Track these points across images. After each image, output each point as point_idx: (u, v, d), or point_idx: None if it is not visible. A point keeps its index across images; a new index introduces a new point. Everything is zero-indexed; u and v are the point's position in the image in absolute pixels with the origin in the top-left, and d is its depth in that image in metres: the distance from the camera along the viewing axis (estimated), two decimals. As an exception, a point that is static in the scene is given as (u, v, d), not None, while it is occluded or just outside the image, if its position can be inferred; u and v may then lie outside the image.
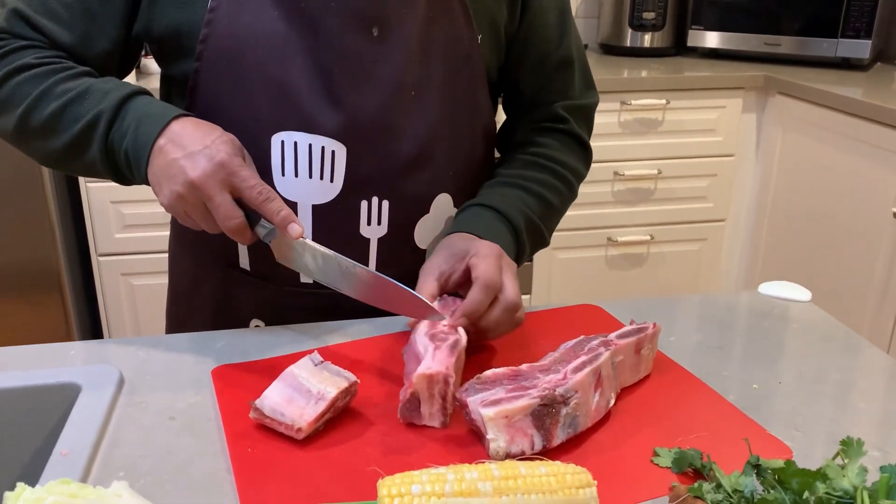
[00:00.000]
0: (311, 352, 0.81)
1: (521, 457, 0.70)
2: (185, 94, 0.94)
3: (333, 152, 0.92)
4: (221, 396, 0.81)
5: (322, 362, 0.79)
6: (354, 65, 0.91)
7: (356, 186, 0.94)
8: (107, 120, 0.86)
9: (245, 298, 1.03)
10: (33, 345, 0.91)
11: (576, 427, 0.74)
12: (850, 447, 0.65)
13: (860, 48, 2.56)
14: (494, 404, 0.71)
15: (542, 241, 1.06)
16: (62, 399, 0.81)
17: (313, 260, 0.87)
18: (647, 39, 2.84)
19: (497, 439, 0.70)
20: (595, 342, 0.81)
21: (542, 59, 1.05)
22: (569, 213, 1.11)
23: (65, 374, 0.83)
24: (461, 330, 0.82)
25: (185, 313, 1.11)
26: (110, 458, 0.72)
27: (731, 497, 0.63)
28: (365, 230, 0.97)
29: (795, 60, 2.69)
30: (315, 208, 0.94)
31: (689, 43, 2.84)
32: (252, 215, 0.84)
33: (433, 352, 0.77)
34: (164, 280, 2.61)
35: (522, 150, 1.08)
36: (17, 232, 2.19)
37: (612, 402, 0.80)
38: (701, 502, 0.63)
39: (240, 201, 0.83)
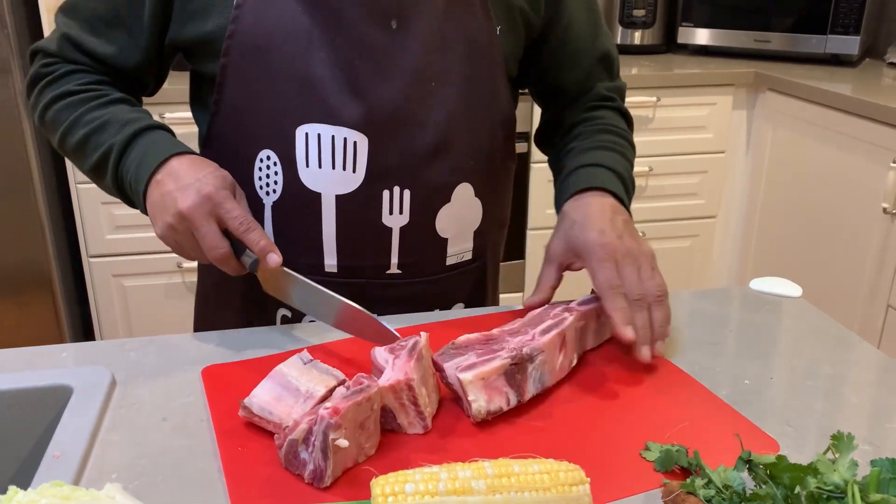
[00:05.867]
0: (300, 350, 0.81)
1: (516, 455, 0.70)
2: (213, 90, 0.97)
3: (355, 143, 0.95)
4: (211, 395, 0.81)
5: (311, 361, 0.79)
6: (375, 56, 0.94)
7: (378, 176, 0.97)
8: (117, 153, 0.93)
9: None
10: (24, 347, 0.91)
11: (543, 383, 0.81)
12: (840, 441, 0.65)
13: (849, 44, 2.58)
14: (470, 368, 0.77)
15: (633, 192, 1.08)
16: (54, 401, 0.81)
17: (293, 289, 0.90)
18: (637, 37, 2.84)
19: (477, 400, 0.76)
20: (558, 309, 0.89)
21: (578, 56, 1.09)
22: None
23: (56, 376, 0.83)
24: (423, 334, 0.80)
25: (213, 308, 1.13)
26: (103, 460, 0.72)
27: (722, 492, 0.64)
28: (387, 219, 0.99)
29: (785, 57, 2.70)
30: (338, 198, 0.97)
31: (680, 40, 2.85)
32: (239, 247, 0.88)
33: (392, 361, 0.76)
34: (155, 281, 2.61)
35: (587, 125, 1.11)
36: (7, 233, 2.18)
37: (575, 362, 0.88)
38: (694, 498, 0.64)
39: (228, 233, 0.87)
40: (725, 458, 0.69)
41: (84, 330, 2.49)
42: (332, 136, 0.94)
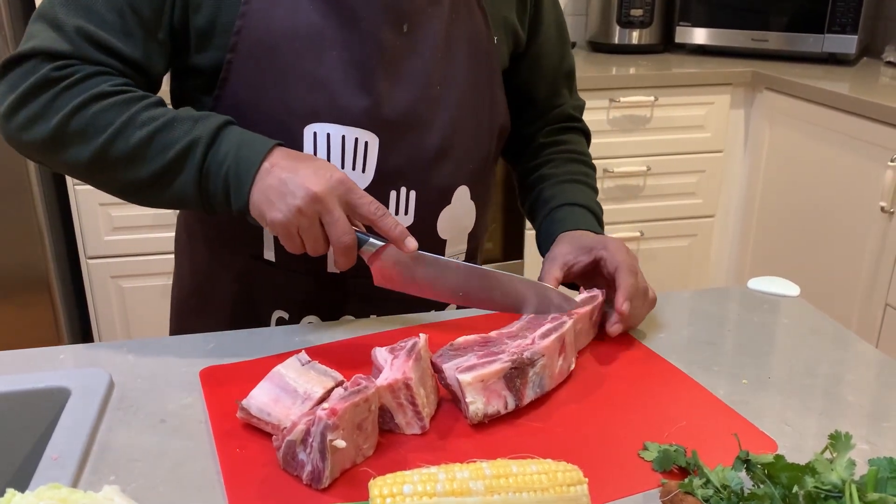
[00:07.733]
0: (298, 351, 0.81)
1: (514, 455, 0.70)
2: (210, 87, 0.95)
3: (366, 143, 0.95)
4: (210, 397, 0.81)
5: (309, 362, 0.79)
6: (387, 58, 0.95)
7: (387, 177, 0.97)
8: (205, 145, 0.86)
9: (268, 290, 1.04)
10: (23, 349, 0.91)
11: (543, 388, 0.81)
12: (838, 441, 0.65)
13: (846, 43, 2.58)
14: (470, 370, 0.76)
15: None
16: (52, 403, 0.81)
17: (425, 271, 0.89)
18: (634, 36, 2.84)
19: (475, 402, 0.76)
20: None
21: (549, 70, 1.15)
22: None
23: (54, 378, 0.83)
24: (422, 335, 0.81)
25: (198, 309, 1.11)
26: (101, 462, 0.72)
27: (720, 492, 0.64)
28: None
29: (782, 56, 2.70)
30: None
31: (677, 39, 2.85)
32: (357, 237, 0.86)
33: (391, 361, 0.77)
34: (154, 282, 2.60)
35: (555, 151, 1.18)
36: (5, 235, 2.18)
37: (573, 365, 0.87)
38: (692, 498, 0.64)
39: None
40: (723, 457, 0.69)
41: (82, 331, 2.48)
42: (343, 137, 0.94)
